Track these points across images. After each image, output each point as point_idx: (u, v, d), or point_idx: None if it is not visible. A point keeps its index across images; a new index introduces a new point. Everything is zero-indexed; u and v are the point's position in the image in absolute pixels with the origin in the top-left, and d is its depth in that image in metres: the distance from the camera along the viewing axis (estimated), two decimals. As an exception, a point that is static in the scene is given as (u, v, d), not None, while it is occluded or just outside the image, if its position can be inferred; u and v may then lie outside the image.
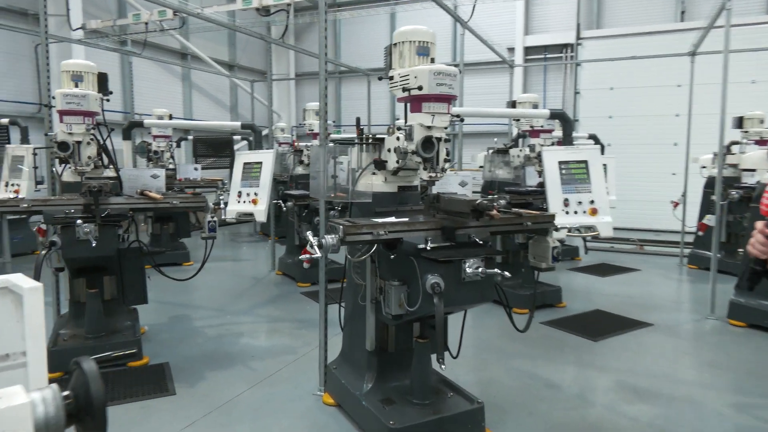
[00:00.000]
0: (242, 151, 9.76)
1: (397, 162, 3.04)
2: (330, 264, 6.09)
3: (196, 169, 9.01)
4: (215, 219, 4.40)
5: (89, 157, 4.22)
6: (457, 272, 2.67)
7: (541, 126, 6.16)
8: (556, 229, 3.27)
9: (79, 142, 4.17)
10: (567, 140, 4.38)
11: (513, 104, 6.50)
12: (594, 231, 3.66)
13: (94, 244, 3.81)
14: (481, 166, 7.67)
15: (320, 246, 2.70)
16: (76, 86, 4.19)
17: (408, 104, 3.04)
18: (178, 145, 9.70)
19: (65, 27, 10.20)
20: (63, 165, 4.40)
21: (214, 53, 13.97)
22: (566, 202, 3.73)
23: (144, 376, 4.07)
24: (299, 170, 8.34)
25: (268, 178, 4.91)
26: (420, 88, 2.84)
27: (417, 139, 2.90)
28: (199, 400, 3.68)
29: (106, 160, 4.53)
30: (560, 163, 3.88)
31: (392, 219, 2.91)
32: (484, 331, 5.10)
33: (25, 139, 6.72)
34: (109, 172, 4.61)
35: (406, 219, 2.93)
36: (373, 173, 3.25)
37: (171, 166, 8.73)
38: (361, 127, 3.36)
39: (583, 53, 10.59)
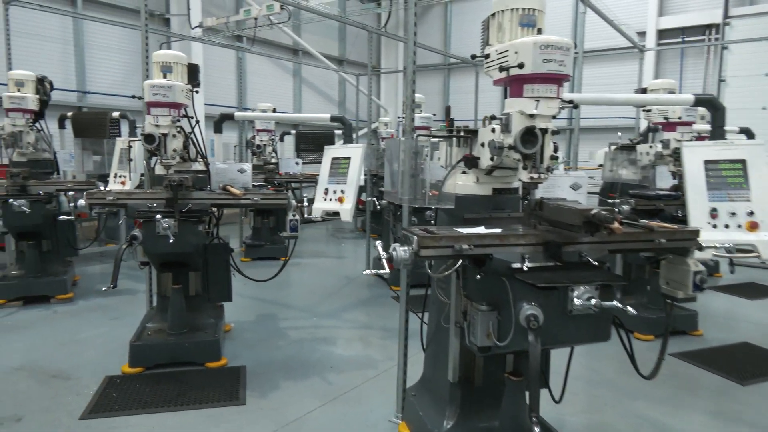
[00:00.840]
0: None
1: (491, 159, 2.48)
2: (422, 267, 5.64)
3: (297, 163, 9.01)
4: (297, 218, 4.13)
5: (174, 150, 4.12)
6: (561, 302, 2.08)
7: (679, 117, 5.14)
8: (700, 249, 2.51)
9: (165, 135, 4.08)
10: (717, 133, 3.48)
11: (643, 91, 5.54)
12: (753, 252, 2.81)
13: (171, 240, 3.68)
14: (600, 165, 6.74)
15: (390, 259, 2.24)
16: (164, 77, 4.10)
17: (507, 88, 2.47)
18: (281, 140, 9.76)
19: (186, 26, 10.76)
20: (154, 158, 4.36)
21: (324, 48, 14.07)
22: (714, 213, 2.91)
23: (218, 379, 3.89)
24: (398, 166, 7.95)
25: (356, 175, 4.53)
26: (521, 65, 2.25)
27: (515, 130, 2.32)
28: (266, 415, 3.39)
29: (193, 153, 4.43)
30: (706, 162, 3.05)
31: (481, 229, 2.36)
32: (598, 360, 4.32)
33: (132, 132, 7.02)
34: (198, 166, 4.51)
35: (499, 230, 2.36)
36: (464, 172, 2.72)
37: (273, 160, 8.78)
38: (451, 118, 2.86)
39: (731, 34, 9.06)
